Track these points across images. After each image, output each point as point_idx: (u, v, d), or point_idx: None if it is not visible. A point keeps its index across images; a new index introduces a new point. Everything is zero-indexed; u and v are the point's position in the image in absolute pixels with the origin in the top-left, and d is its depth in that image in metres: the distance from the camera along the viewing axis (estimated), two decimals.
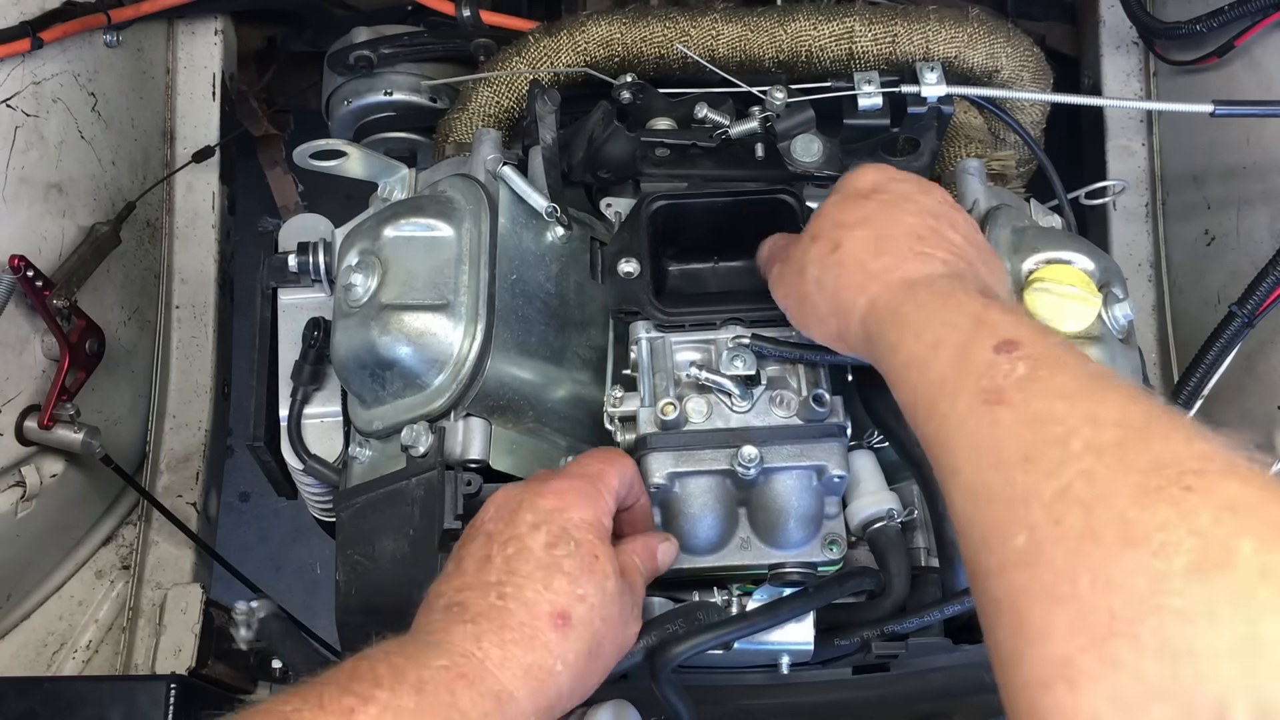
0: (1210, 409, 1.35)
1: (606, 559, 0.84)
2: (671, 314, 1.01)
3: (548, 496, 0.85)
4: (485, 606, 0.78)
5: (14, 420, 1.42)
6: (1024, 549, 0.61)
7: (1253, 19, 1.39)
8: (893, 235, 0.87)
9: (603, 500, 0.88)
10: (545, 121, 1.11)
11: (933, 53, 1.36)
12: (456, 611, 0.78)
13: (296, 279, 1.16)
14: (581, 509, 0.85)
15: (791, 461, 0.95)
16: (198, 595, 1.57)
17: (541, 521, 0.83)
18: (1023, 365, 0.70)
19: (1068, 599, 0.58)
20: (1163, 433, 0.62)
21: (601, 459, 0.91)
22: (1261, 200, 1.44)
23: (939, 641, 1.02)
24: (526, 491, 0.86)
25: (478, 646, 0.76)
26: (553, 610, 0.79)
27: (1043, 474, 0.63)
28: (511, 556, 0.81)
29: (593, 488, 0.87)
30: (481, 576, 0.80)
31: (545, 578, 0.80)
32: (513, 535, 0.82)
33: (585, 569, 0.82)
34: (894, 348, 0.80)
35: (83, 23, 1.48)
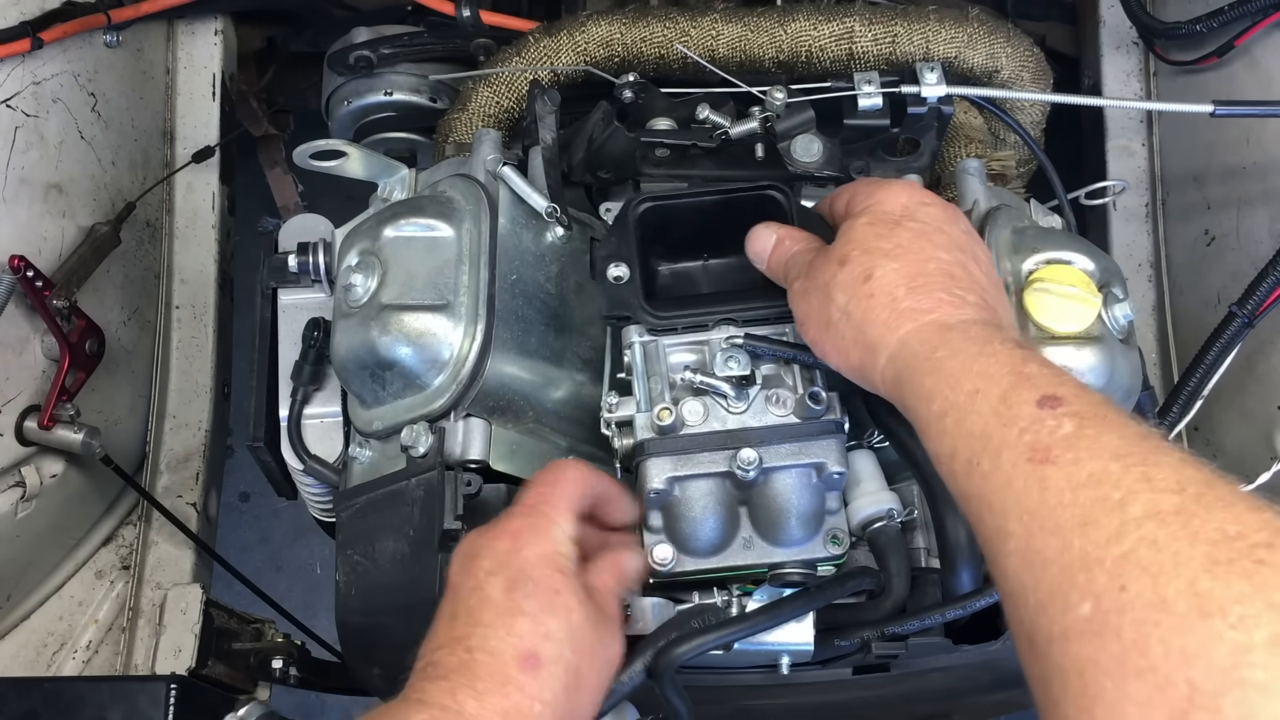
0: (1210, 409, 1.35)
1: (569, 590, 0.83)
2: (663, 317, 1.01)
3: (501, 538, 0.85)
4: (455, 662, 0.79)
5: (14, 420, 1.42)
6: (1089, 617, 0.60)
7: (1253, 19, 1.39)
8: (926, 272, 0.85)
9: (556, 528, 0.87)
10: (545, 121, 1.11)
11: (933, 53, 1.36)
12: (430, 671, 0.80)
13: (296, 279, 1.16)
14: (536, 544, 0.85)
15: (790, 460, 0.95)
16: (198, 595, 1.57)
17: (498, 567, 0.83)
18: (1068, 422, 0.69)
19: (1143, 671, 0.57)
20: (1223, 501, 0.61)
21: (548, 484, 0.90)
22: (1261, 200, 1.44)
23: (939, 642, 1.02)
24: (482, 537, 0.86)
25: (453, 699, 0.77)
26: (519, 654, 0.79)
27: (1103, 539, 0.62)
28: (474, 608, 0.82)
29: (543, 518, 0.87)
30: (451, 633, 0.81)
31: (508, 624, 0.80)
32: (473, 586, 0.83)
33: (546, 606, 0.82)
34: (927, 396, 0.78)
35: (83, 23, 1.48)
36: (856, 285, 0.86)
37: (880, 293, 0.84)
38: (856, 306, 0.85)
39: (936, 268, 0.85)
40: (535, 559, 0.84)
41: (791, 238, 0.98)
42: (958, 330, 0.80)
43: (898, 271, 0.85)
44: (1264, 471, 1.29)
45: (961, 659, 1.04)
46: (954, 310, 0.82)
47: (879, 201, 0.91)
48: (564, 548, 0.86)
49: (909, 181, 0.94)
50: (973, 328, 0.80)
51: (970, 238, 0.91)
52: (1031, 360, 0.76)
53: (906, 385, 0.81)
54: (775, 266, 0.99)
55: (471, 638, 0.80)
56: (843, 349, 0.87)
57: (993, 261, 0.93)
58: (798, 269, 0.94)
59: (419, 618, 1.02)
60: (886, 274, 0.85)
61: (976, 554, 0.95)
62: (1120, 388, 1.03)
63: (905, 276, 0.84)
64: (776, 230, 1.00)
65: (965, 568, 0.94)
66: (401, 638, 1.08)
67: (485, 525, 0.89)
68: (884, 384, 0.84)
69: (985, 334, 0.79)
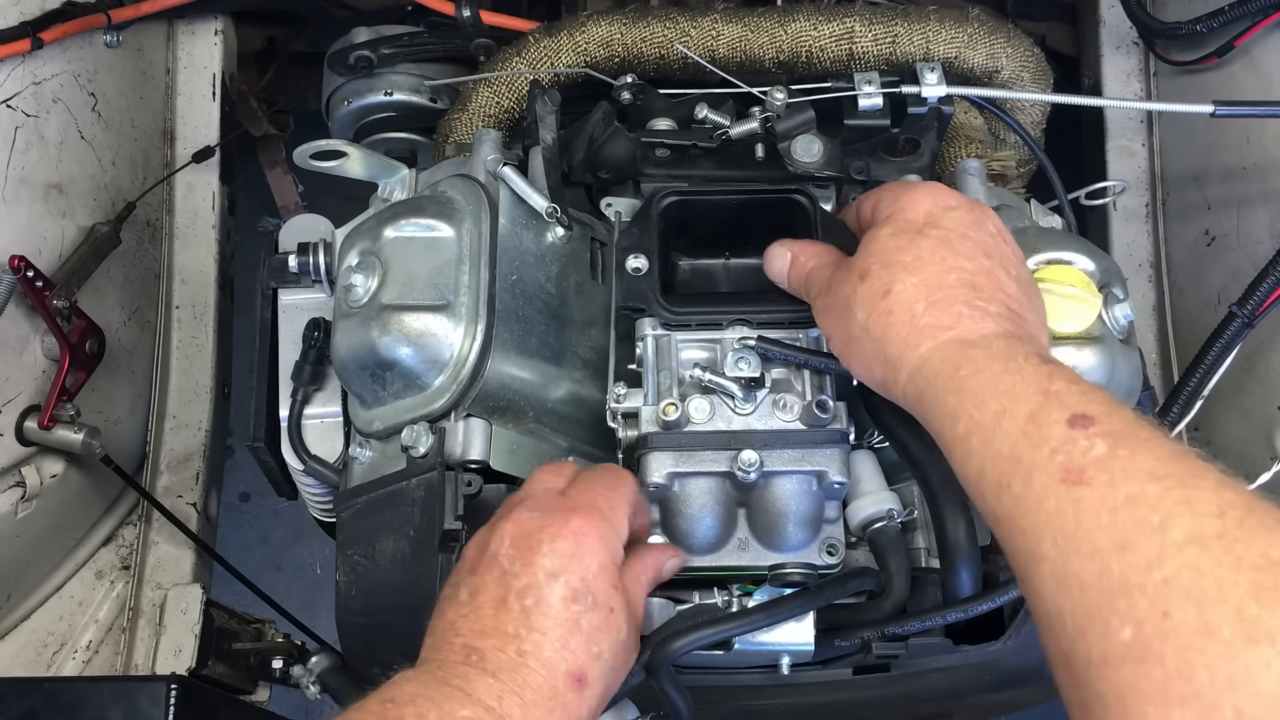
0: (1210, 409, 1.35)
1: (620, 610, 0.84)
2: (678, 313, 1.01)
3: (566, 538, 0.83)
4: (505, 661, 0.79)
5: (14, 420, 1.42)
6: (1131, 643, 0.60)
7: (1253, 19, 1.39)
8: (946, 284, 0.83)
9: (617, 538, 0.87)
10: (545, 122, 1.11)
11: (933, 53, 1.36)
12: (476, 660, 0.79)
13: (296, 279, 1.16)
14: (599, 553, 0.84)
15: (792, 466, 0.95)
16: (198, 595, 1.57)
17: (560, 570, 0.82)
18: (1101, 443, 0.68)
19: (1187, 698, 0.57)
20: (1266, 526, 0.61)
21: (610, 487, 0.90)
22: (1261, 200, 1.44)
23: (939, 642, 1.02)
24: (545, 529, 0.84)
25: (499, 703, 0.77)
26: (570, 671, 0.79)
27: (1143, 564, 0.61)
28: (530, 609, 0.81)
29: (608, 526, 0.86)
30: (499, 623, 0.80)
31: (564, 636, 0.80)
32: (531, 584, 0.82)
33: (602, 626, 0.82)
34: (951, 415, 0.77)
35: (83, 23, 1.48)
36: (875, 301, 0.84)
37: (899, 309, 0.83)
38: (876, 323, 0.84)
39: (958, 279, 0.83)
40: (598, 570, 0.83)
41: (806, 253, 0.97)
42: (980, 346, 0.78)
43: (917, 286, 0.83)
44: (1264, 471, 1.29)
45: (962, 659, 1.04)
46: (975, 324, 0.81)
47: (902, 209, 0.89)
48: (619, 558, 0.86)
49: (935, 185, 0.91)
50: (996, 342, 0.79)
51: (998, 240, 0.89)
52: (1058, 376, 0.74)
53: (930, 404, 0.79)
54: (795, 284, 0.98)
55: (525, 640, 0.79)
56: (865, 364, 0.86)
57: (1023, 260, 0.91)
58: (818, 285, 0.93)
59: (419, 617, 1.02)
60: (905, 289, 0.83)
61: (976, 554, 0.95)
62: (1120, 388, 1.03)
63: (925, 291, 0.83)
64: (790, 247, 0.98)
65: (965, 568, 0.94)
66: (402, 638, 1.08)
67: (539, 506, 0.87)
68: (906, 400, 0.83)
69: (1009, 349, 0.78)
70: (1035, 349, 0.78)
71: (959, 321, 0.81)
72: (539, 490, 0.90)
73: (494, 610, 0.81)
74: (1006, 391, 0.74)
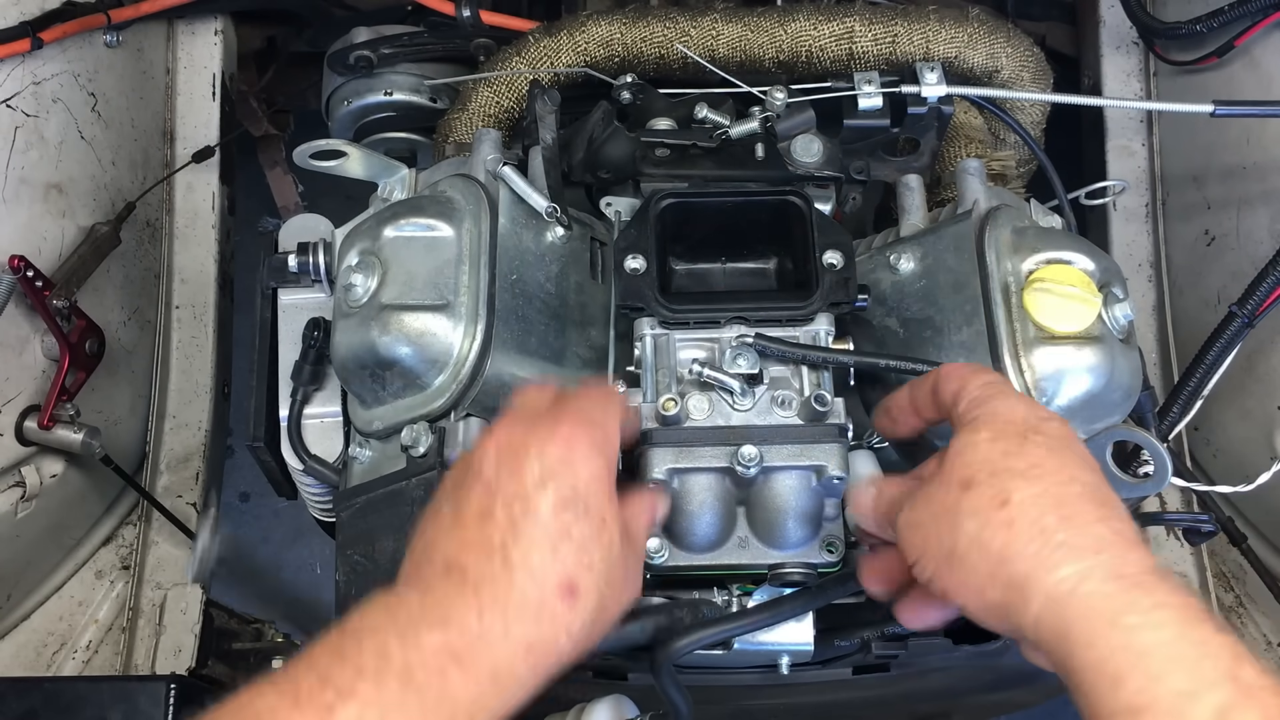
0: (1210, 409, 1.36)
1: (614, 520, 0.78)
2: (676, 311, 1.01)
3: (553, 443, 0.77)
4: (488, 574, 0.73)
5: (14, 420, 1.42)
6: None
7: (1253, 19, 1.39)
8: (1072, 497, 0.73)
9: (610, 447, 0.81)
10: (545, 121, 1.11)
11: (933, 53, 1.36)
12: (457, 577, 0.73)
13: (296, 279, 1.16)
14: (591, 461, 0.78)
15: (791, 461, 0.95)
16: (198, 595, 1.57)
17: (549, 477, 0.76)
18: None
19: None
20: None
21: (603, 401, 0.84)
22: (1261, 200, 1.44)
23: (939, 642, 1.02)
24: (532, 436, 0.78)
25: (479, 620, 0.71)
26: (560, 580, 0.74)
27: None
28: (516, 518, 0.75)
29: (600, 433, 0.80)
30: (484, 535, 0.74)
31: (553, 544, 0.74)
32: (518, 492, 0.76)
33: (594, 535, 0.76)
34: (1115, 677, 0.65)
35: (83, 23, 1.48)
36: (991, 511, 0.73)
37: (1022, 519, 0.72)
38: (994, 536, 0.73)
39: (1082, 490, 0.74)
40: (589, 479, 0.77)
41: (890, 483, 0.88)
42: (1143, 589, 0.68)
43: (1040, 497, 0.73)
44: (1264, 471, 1.29)
45: (961, 659, 1.04)
46: (1124, 553, 0.70)
47: (997, 413, 0.80)
48: (613, 471, 0.80)
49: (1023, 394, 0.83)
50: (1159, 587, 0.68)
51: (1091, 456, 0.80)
52: (1244, 660, 0.64)
53: (1080, 650, 0.68)
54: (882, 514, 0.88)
55: (511, 550, 0.73)
56: (976, 585, 0.74)
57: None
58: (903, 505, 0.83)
59: None
60: (1027, 498, 0.73)
61: None
62: (1120, 388, 1.03)
63: (1051, 503, 0.73)
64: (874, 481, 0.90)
65: None
66: None
67: (528, 419, 0.80)
68: (1038, 633, 0.71)
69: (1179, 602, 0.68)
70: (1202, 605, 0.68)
71: (1103, 546, 0.70)
72: (524, 405, 0.84)
73: (478, 523, 0.75)
74: (1191, 669, 0.64)
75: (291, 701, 0.65)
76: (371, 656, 0.67)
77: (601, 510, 0.77)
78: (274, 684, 0.67)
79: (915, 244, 1.12)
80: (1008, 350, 1.01)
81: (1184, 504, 1.62)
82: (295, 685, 0.66)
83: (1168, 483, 1.00)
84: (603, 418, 0.82)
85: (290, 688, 0.66)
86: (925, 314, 1.09)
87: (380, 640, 0.69)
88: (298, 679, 0.66)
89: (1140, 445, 1.03)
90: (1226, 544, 1.58)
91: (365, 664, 0.67)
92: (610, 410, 0.83)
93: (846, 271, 1.02)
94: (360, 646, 0.68)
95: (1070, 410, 1.01)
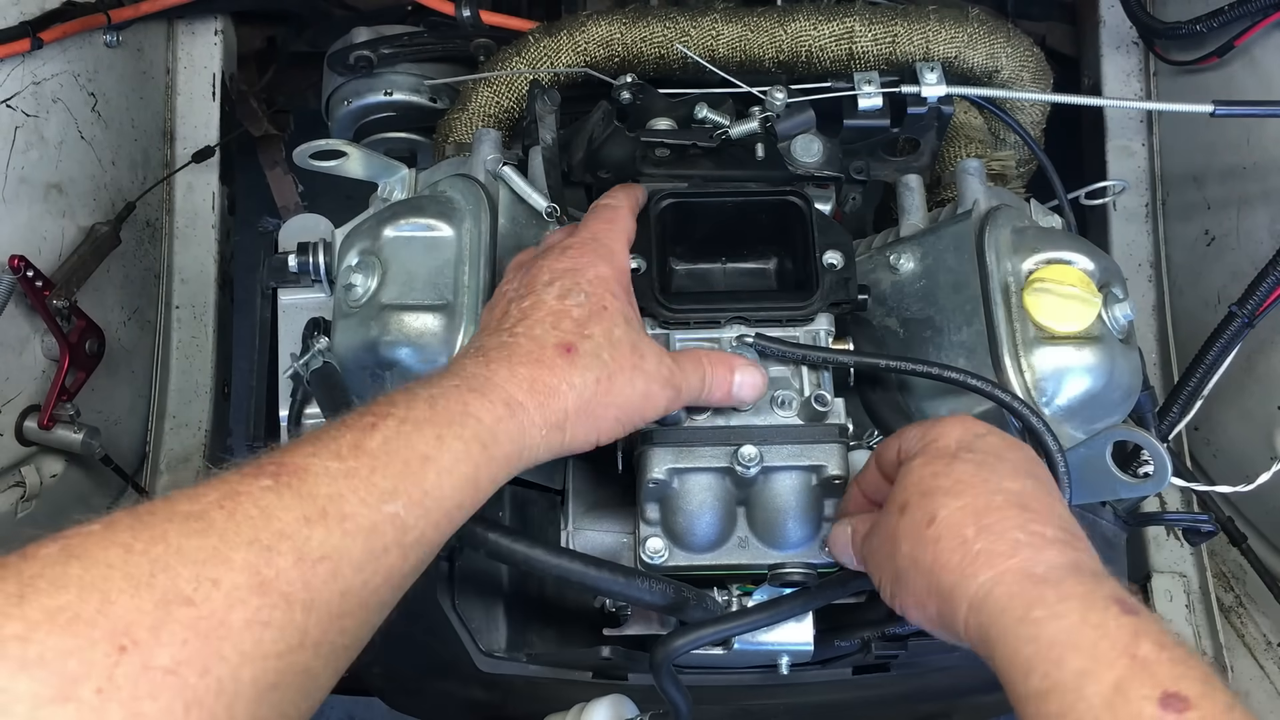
0: (1210, 409, 1.35)
1: (617, 310, 0.88)
2: (676, 311, 1.01)
3: (563, 259, 0.90)
4: (496, 344, 0.84)
5: (14, 420, 1.42)
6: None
7: (1253, 19, 1.39)
8: (994, 506, 0.77)
9: (616, 258, 0.92)
10: (545, 121, 1.11)
11: (933, 53, 1.36)
12: (472, 353, 0.84)
13: (296, 279, 1.16)
14: (595, 266, 0.89)
15: (791, 461, 0.95)
16: None
17: (555, 278, 0.88)
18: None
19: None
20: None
21: (601, 219, 0.96)
22: (1261, 200, 1.44)
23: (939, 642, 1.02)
24: (542, 258, 0.91)
25: (487, 368, 0.81)
26: (559, 342, 0.84)
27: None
28: (527, 308, 0.86)
29: (603, 248, 0.91)
30: (500, 325, 0.87)
31: (554, 320, 0.85)
32: (527, 292, 0.88)
33: (593, 315, 0.86)
34: (1024, 668, 0.69)
35: (83, 23, 1.48)
36: (920, 530, 0.78)
37: (947, 535, 0.76)
38: (924, 553, 0.77)
39: (1005, 499, 0.77)
40: (593, 277, 0.89)
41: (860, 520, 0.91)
42: (1050, 584, 0.72)
43: (963, 510, 0.77)
44: (1264, 471, 1.29)
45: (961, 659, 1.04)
46: (1036, 553, 0.74)
47: (932, 439, 0.85)
48: (621, 276, 0.91)
49: (963, 416, 0.87)
50: (1066, 580, 0.72)
51: (1036, 463, 0.84)
52: (1144, 636, 0.67)
53: (998, 648, 0.72)
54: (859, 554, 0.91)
55: (518, 327, 0.85)
56: (918, 601, 0.79)
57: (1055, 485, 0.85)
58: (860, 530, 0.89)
59: (419, 617, 1.03)
60: (951, 514, 0.77)
61: None
62: (1120, 388, 1.03)
63: (972, 514, 0.77)
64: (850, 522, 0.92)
65: None
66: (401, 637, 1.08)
67: (544, 248, 0.93)
68: (970, 638, 0.75)
69: (1083, 591, 0.71)
70: (1111, 591, 0.71)
71: (1017, 549, 0.74)
72: (546, 242, 0.96)
73: (495, 322, 0.88)
74: (1089, 650, 0.67)
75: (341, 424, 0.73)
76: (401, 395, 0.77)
77: (603, 300, 0.88)
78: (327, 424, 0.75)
79: (915, 244, 1.12)
80: (1007, 350, 1.01)
81: (1184, 504, 1.62)
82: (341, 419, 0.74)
83: (1168, 483, 1.00)
84: (609, 238, 0.93)
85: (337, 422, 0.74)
86: (925, 314, 1.09)
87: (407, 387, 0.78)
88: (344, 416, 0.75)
89: (1140, 445, 1.03)
90: (1226, 544, 1.58)
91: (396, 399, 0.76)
92: (616, 229, 0.95)
93: (847, 272, 1.02)
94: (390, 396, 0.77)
95: (1070, 410, 1.01)
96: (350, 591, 0.66)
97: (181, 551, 0.60)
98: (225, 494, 0.64)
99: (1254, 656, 1.59)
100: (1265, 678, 1.57)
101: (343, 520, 0.67)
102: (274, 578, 0.62)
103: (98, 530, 0.61)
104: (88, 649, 0.54)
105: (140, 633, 0.56)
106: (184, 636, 0.57)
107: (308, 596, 0.63)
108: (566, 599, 1.07)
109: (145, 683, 0.55)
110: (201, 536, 0.61)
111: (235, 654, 0.59)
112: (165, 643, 0.56)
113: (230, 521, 0.63)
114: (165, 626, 0.57)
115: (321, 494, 0.67)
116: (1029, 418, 0.93)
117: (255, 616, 0.60)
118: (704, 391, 0.93)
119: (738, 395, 0.94)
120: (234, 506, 0.64)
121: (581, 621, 1.07)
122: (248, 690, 0.59)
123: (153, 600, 0.57)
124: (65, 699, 0.53)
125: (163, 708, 0.55)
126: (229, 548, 0.61)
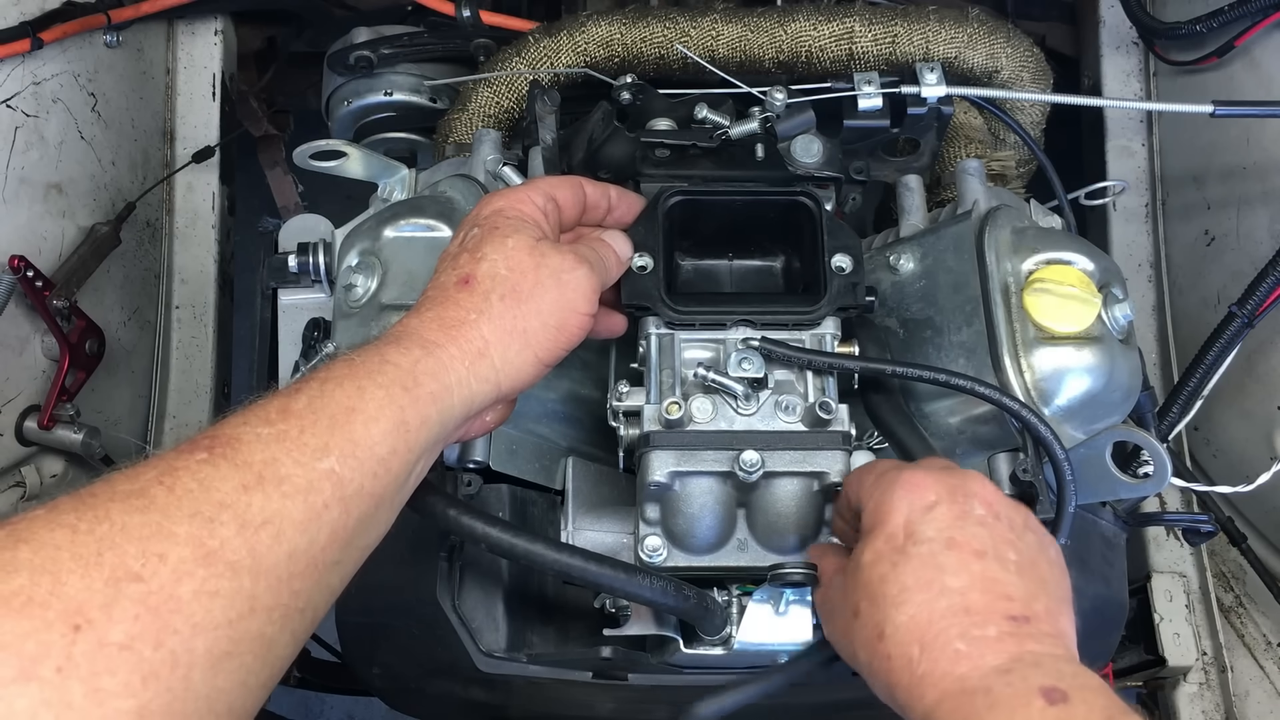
0: (1210, 409, 1.36)
1: (510, 228, 0.89)
2: (682, 312, 1.01)
3: (480, 207, 0.94)
4: (411, 309, 0.87)
5: (14, 420, 1.42)
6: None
7: (1253, 19, 1.39)
8: (937, 617, 0.77)
9: (520, 191, 0.94)
10: (545, 122, 1.11)
11: (933, 53, 1.36)
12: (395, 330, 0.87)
13: (296, 279, 1.16)
14: (493, 202, 0.92)
15: (793, 467, 0.95)
16: None
17: (458, 232, 0.93)
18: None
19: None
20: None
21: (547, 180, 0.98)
22: (1261, 200, 1.44)
23: None
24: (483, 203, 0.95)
25: (401, 325, 0.84)
26: (456, 279, 0.87)
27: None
28: (436, 266, 0.91)
29: (518, 190, 0.94)
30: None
31: (453, 262, 0.89)
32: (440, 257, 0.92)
33: (485, 240, 0.89)
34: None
35: (83, 23, 1.48)
36: (873, 644, 0.80)
37: (897, 654, 0.78)
38: (879, 667, 0.80)
39: (948, 605, 0.78)
40: (488, 213, 0.91)
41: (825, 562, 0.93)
42: (980, 693, 0.73)
43: (907, 627, 0.78)
44: (1264, 471, 1.29)
45: None
46: (975, 663, 0.75)
47: (880, 520, 0.84)
48: (524, 206, 0.92)
49: (912, 481, 0.84)
50: (995, 685, 0.73)
51: (988, 526, 0.82)
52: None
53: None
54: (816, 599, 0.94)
55: (429, 284, 0.89)
56: (881, 689, 0.81)
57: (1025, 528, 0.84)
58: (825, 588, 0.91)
59: (419, 618, 1.03)
60: (897, 631, 0.78)
61: None
62: (1120, 388, 1.03)
63: (916, 631, 0.78)
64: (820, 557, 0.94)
65: None
66: (401, 638, 1.08)
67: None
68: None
69: (1010, 694, 0.72)
70: (1041, 682, 0.72)
71: (957, 662, 0.75)
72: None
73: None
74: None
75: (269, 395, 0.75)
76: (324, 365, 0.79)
77: (495, 225, 0.90)
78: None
79: (915, 244, 1.12)
80: (1007, 350, 1.01)
81: (1184, 504, 1.62)
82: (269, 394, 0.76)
83: (1167, 483, 1.00)
84: (528, 185, 0.96)
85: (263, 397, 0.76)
86: (925, 314, 1.09)
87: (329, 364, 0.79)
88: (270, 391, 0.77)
89: (1140, 445, 1.03)
90: (1226, 544, 1.58)
91: (319, 369, 0.79)
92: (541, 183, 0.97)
93: (855, 276, 1.01)
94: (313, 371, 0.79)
95: (1070, 410, 1.01)
96: (297, 553, 0.68)
97: (126, 529, 0.61)
98: (163, 470, 0.66)
99: (1254, 656, 1.59)
100: (1265, 678, 1.57)
101: (280, 483, 0.68)
102: (218, 548, 0.63)
103: (42, 514, 0.61)
104: (44, 630, 0.56)
105: (93, 611, 0.58)
106: (135, 612, 0.59)
107: (253, 563, 0.65)
108: (567, 599, 1.07)
109: (102, 659, 0.57)
110: (144, 513, 0.62)
111: (187, 625, 0.60)
112: (118, 619, 0.58)
113: (171, 496, 0.64)
114: (117, 603, 0.58)
115: (256, 460, 0.68)
116: (1037, 427, 0.93)
117: (203, 587, 0.62)
118: (609, 268, 0.97)
119: (623, 257, 0.99)
120: (173, 481, 0.65)
121: (581, 622, 1.07)
122: (202, 660, 0.61)
123: (102, 579, 0.59)
124: (28, 679, 0.55)
125: (121, 682, 0.57)
126: (172, 522, 0.63)
